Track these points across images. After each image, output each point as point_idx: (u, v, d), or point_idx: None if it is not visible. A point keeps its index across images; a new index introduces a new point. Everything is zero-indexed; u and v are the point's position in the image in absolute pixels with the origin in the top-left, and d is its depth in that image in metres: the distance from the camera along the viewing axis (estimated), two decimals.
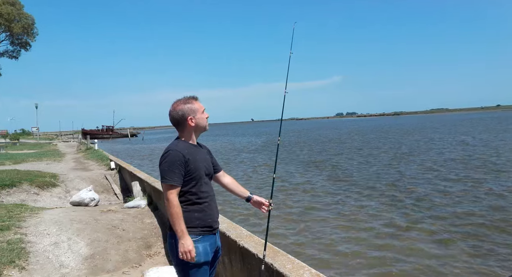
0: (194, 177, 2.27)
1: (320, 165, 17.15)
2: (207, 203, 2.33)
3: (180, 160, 2.21)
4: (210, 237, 2.33)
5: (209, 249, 2.30)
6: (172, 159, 2.21)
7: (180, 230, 2.17)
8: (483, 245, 6.36)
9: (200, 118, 2.36)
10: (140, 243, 5.26)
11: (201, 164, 2.33)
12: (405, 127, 53.99)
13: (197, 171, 2.28)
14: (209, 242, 2.31)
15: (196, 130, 2.39)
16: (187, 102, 2.35)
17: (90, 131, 64.58)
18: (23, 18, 38.12)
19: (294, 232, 7.55)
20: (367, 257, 6.14)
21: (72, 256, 4.63)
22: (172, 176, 2.19)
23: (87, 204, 8.30)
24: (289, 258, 2.77)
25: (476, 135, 30.75)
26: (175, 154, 2.23)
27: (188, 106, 2.34)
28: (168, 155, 2.24)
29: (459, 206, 8.80)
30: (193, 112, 2.33)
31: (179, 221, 2.17)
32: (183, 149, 2.27)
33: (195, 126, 2.36)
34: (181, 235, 2.16)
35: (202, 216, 2.29)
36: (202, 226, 2.28)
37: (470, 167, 14.15)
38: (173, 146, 2.30)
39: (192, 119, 2.33)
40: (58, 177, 10.86)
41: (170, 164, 2.20)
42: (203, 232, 2.28)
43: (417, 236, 6.98)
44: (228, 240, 3.42)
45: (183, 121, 2.33)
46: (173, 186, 2.19)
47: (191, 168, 2.25)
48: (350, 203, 9.70)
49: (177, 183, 2.20)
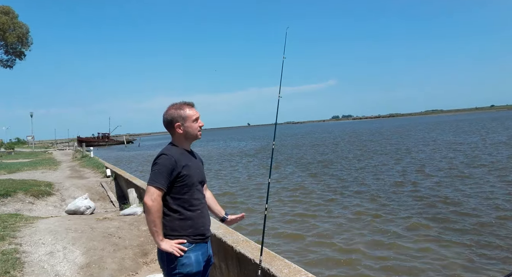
0: (186, 184, 2.22)
1: (315, 168, 17.16)
2: (200, 210, 2.28)
3: (172, 165, 2.16)
4: (202, 245, 2.29)
5: (201, 258, 2.26)
6: (163, 163, 2.16)
7: (159, 240, 2.13)
8: (480, 244, 6.38)
9: (189, 126, 2.28)
10: (137, 250, 5.21)
11: (194, 171, 2.28)
12: (400, 129, 54.24)
13: (190, 178, 2.23)
14: (201, 251, 2.26)
15: (186, 138, 2.31)
16: (179, 108, 2.28)
17: (85, 139, 64.28)
18: (18, 28, 37.97)
19: (291, 236, 7.53)
20: (365, 260, 6.13)
21: (67, 265, 4.58)
22: (161, 179, 2.13)
23: (82, 212, 8.24)
24: (286, 263, 2.76)
25: (473, 134, 30.96)
26: (167, 158, 2.18)
27: (178, 112, 2.27)
28: (160, 158, 2.19)
29: (461, 206, 8.83)
30: (182, 119, 2.26)
31: (159, 224, 2.13)
32: (176, 154, 2.22)
33: (184, 133, 2.28)
34: (160, 243, 2.14)
35: (194, 224, 2.24)
36: (195, 235, 2.23)
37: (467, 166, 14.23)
38: (166, 150, 2.24)
39: (180, 126, 2.26)
40: (54, 186, 10.78)
41: (160, 167, 2.15)
42: (195, 240, 2.23)
43: (411, 239, 6.99)
44: (224, 245, 3.41)
45: (171, 127, 2.28)
46: (159, 189, 2.13)
47: (184, 174, 2.20)
48: (347, 207, 9.70)
49: (163, 186, 2.14)
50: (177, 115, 2.27)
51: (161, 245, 2.14)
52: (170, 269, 2.18)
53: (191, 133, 2.30)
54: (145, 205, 2.13)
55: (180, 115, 2.27)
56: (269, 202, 2.73)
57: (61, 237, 5.34)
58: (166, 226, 2.19)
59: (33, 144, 50.66)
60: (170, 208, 2.20)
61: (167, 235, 2.19)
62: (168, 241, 2.16)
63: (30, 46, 40.25)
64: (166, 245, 2.14)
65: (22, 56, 40.53)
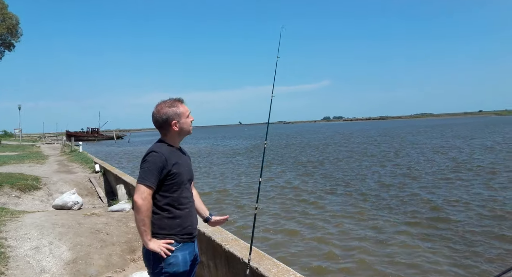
0: (176, 182, 2.19)
1: (306, 168, 17.24)
2: (188, 209, 2.26)
3: (162, 163, 2.13)
4: (190, 245, 2.27)
5: (188, 257, 2.24)
6: (153, 161, 2.13)
7: (147, 239, 2.11)
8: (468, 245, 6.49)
9: (184, 122, 2.26)
10: (124, 247, 5.17)
11: (183, 168, 2.26)
12: (389, 132, 54.74)
13: (180, 176, 2.21)
14: (188, 250, 2.25)
15: (180, 134, 2.30)
16: (172, 105, 2.25)
17: (74, 133, 63.53)
18: (7, 18, 37.29)
19: (280, 236, 7.55)
20: (354, 262, 6.18)
21: (53, 260, 4.53)
22: (151, 177, 2.10)
23: (70, 207, 8.15)
24: (275, 262, 2.77)
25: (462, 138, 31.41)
26: (157, 156, 2.15)
27: (173, 109, 2.24)
28: (150, 156, 2.16)
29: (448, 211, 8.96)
30: (178, 116, 2.24)
31: (148, 223, 2.10)
32: (166, 152, 2.19)
33: (179, 130, 2.27)
34: (148, 243, 2.11)
35: (182, 223, 2.21)
36: (183, 234, 2.21)
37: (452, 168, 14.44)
38: (156, 147, 2.21)
39: (176, 123, 2.24)
40: (41, 180, 10.63)
41: (150, 165, 2.12)
42: (183, 239, 2.21)
43: (402, 241, 7.07)
44: (213, 244, 3.40)
45: (167, 125, 2.24)
46: (149, 187, 2.10)
47: (174, 172, 2.17)
48: (337, 206, 9.76)
49: (153, 184, 2.11)
50: (172, 113, 2.24)
51: (149, 244, 2.11)
52: (156, 268, 2.15)
53: (185, 129, 2.29)
54: (135, 204, 2.10)
55: (175, 112, 2.24)
56: (259, 201, 2.72)
57: (47, 232, 5.28)
58: (154, 225, 2.15)
59: (21, 137, 49.87)
60: (158, 207, 2.17)
61: (155, 234, 2.15)
62: (156, 241, 2.13)
63: (20, 38, 39.59)
64: (154, 245, 2.11)
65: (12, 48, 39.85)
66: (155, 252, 2.12)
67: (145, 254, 2.21)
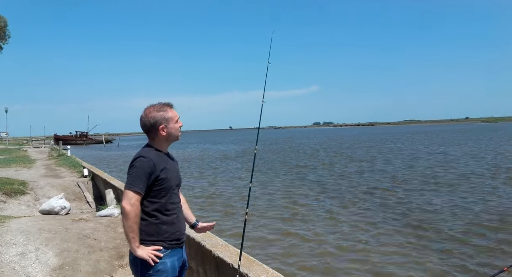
0: (164, 188, 2.17)
1: (296, 173, 17.28)
2: (176, 214, 2.23)
3: (150, 168, 2.10)
4: (178, 250, 2.25)
5: (176, 264, 2.21)
6: (141, 166, 2.10)
7: (135, 246, 2.07)
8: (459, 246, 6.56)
9: (172, 127, 2.23)
10: (113, 253, 5.11)
11: (171, 174, 2.23)
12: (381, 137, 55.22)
13: (168, 181, 2.18)
14: (177, 256, 2.22)
15: (167, 140, 2.26)
16: (161, 109, 2.21)
17: (62, 137, 62.65)
18: None
19: (271, 241, 7.54)
20: (342, 266, 6.19)
21: (39, 267, 4.45)
22: (139, 183, 2.07)
23: (57, 212, 8.01)
24: (264, 268, 2.76)
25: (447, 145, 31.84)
26: (145, 161, 2.11)
27: (161, 114, 2.20)
28: (138, 161, 2.13)
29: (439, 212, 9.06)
30: (166, 121, 2.20)
31: (136, 230, 2.07)
32: (154, 157, 2.16)
33: (167, 135, 2.23)
34: (136, 250, 2.08)
35: (170, 229, 2.18)
36: (171, 240, 2.18)
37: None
38: (144, 152, 2.18)
39: (164, 128, 2.20)
40: (28, 184, 10.46)
41: (138, 171, 2.09)
42: (171, 245, 2.18)
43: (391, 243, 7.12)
44: (203, 249, 3.38)
45: (154, 129, 2.21)
46: (138, 193, 2.07)
47: (162, 177, 2.15)
48: (327, 211, 9.79)
49: (141, 190, 2.08)
50: (161, 118, 2.20)
51: (137, 251, 2.08)
52: (144, 275, 2.12)
53: (173, 134, 2.25)
54: (123, 210, 2.07)
55: (163, 117, 2.20)
56: (249, 206, 2.72)
57: (33, 237, 5.19)
58: (142, 231, 2.12)
59: (7, 141, 49.06)
60: (146, 213, 2.14)
61: (142, 240, 2.13)
62: (144, 248, 2.10)
63: (7, 40, 39.06)
64: (142, 252, 2.08)
65: None
66: (143, 259, 2.08)
67: (132, 261, 2.17)
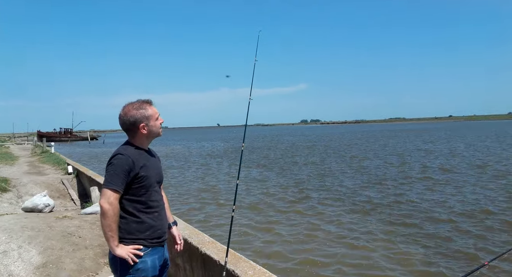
0: (144, 185, 2.13)
1: (284, 169, 17.36)
2: (157, 212, 2.20)
3: (129, 165, 2.07)
4: (159, 249, 2.22)
5: (157, 262, 2.19)
6: (120, 163, 2.06)
7: (114, 246, 2.03)
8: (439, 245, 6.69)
9: (153, 125, 2.20)
10: (98, 250, 5.05)
11: (152, 171, 2.19)
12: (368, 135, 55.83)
13: (148, 179, 2.15)
14: (157, 255, 2.19)
15: (148, 137, 2.23)
16: (140, 107, 2.17)
17: (46, 134, 61.52)
18: None
19: (257, 238, 7.57)
20: (333, 264, 6.26)
21: (22, 265, 4.37)
22: (117, 181, 2.04)
23: (41, 210, 7.88)
24: (251, 265, 2.77)
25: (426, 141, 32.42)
26: (123, 158, 2.08)
27: (141, 112, 2.16)
28: (116, 158, 2.09)
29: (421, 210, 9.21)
30: (146, 119, 2.17)
31: (115, 229, 2.03)
32: (133, 154, 2.12)
33: (148, 133, 2.20)
34: (115, 249, 2.04)
35: (151, 227, 2.15)
36: (152, 238, 2.15)
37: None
38: (122, 150, 2.13)
39: (144, 126, 2.17)
40: (10, 182, 10.26)
41: (116, 168, 2.05)
42: (152, 244, 2.16)
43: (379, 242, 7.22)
44: (190, 246, 3.38)
45: (134, 128, 2.17)
46: (116, 191, 2.03)
47: (142, 175, 2.11)
48: (314, 209, 9.87)
49: (120, 188, 2.05)
50: (140, 116, 2.16)
51: (116, 251, 2.04)
52: (124, 274, 2.09)
53: (154, 132, 2.23)
54: (101, 209, 2.03)
55: (143, 115, 2.17)
56: (236, 203, 2.73)
57: (16, 235, 5.10)
58: (121, 229, 2.09)
59: None
60: (126, 211, 2.10)
61: (122, 238, 2.09)
62: (124, 246, 2.07)
63: None
64: (122, 251, 2.05)
65: None
66: (123, 259, 2.06)
67: (111, 260, 2.14)
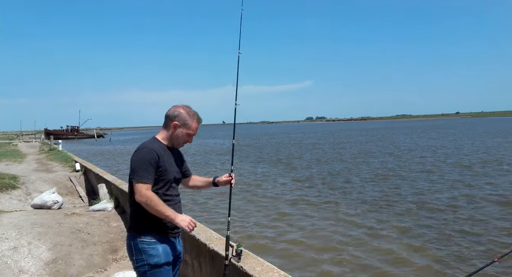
0: (163, 179, 2.24)
1: (287, 165, 17.34)
2: (171, 206, 2.26)
3: (154, 159, 2.17)
4: (171, 240, 2.31)
5: (169, 249, 2.27)
6: (147, 157, 2.16)
7: (170, 213, 2.14)
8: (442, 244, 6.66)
9: (181, 132, 2.31)
10: (106, 247, 5.11)
11: (172, 168, 2.30)
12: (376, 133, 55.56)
13: (167, 174, 2.25)
14: (169, 243, 2.28)
15: (171, 138, 2.33)
16: (189, 114, 2.32)
17: (53, 131, 61.98)
18: None
19: (265, 234, 7.58)
20: (335, 260, 6.26)
21: (32, 261, 4.43)
22: (146, 174, 2.14)
23: (49, 207, 7.97)
24: (259, 261, 2.78)
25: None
26: (150, 152, 2.18)
27: (185, 116, 2.30)
28: (143, 152, 2.19)
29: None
30: (183, 125, 2.30)
31: (164, 208, 2.13)
32: (158, 149, 2.23)
33: (172, 133, 2.32)
34: (174, 217, 2.15)
35: (163, 220, 2.21)
36: (163, 229, 2.24)
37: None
38: (149, 144, 2.25)
39: (176, 126, 2.30)
40: (19, 179, 10.37)
41: (143, 162, 2.15)
42: (163, 234, 2.25)
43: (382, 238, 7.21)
44: (198, 243, 3.40)
45: (169, 121, 2.31)
46: (146, 183, 2.13)
47: (163, 170, 2.22)
48: (319, 203, 9.86)
49: (150, 181, 2.15)
50: (182, 117, 2.30)
51: (176, 218, 2.15)
52: (138, 260, 2.20)
53: (177, 137, 2.34)
54: (142, 203, 2.12)
55: (184, 119, 2.30)
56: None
57: (26, 232, 5.16)
58: (137, 220, 2.22)
59: None
60: None
61: (136, 229, 2.22)
62: (185, 218, 2.17)
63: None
64: (182, 216, 2.19)
65: None
66: (136, 244, 2.18)
67: (128, 246, 2.26)
